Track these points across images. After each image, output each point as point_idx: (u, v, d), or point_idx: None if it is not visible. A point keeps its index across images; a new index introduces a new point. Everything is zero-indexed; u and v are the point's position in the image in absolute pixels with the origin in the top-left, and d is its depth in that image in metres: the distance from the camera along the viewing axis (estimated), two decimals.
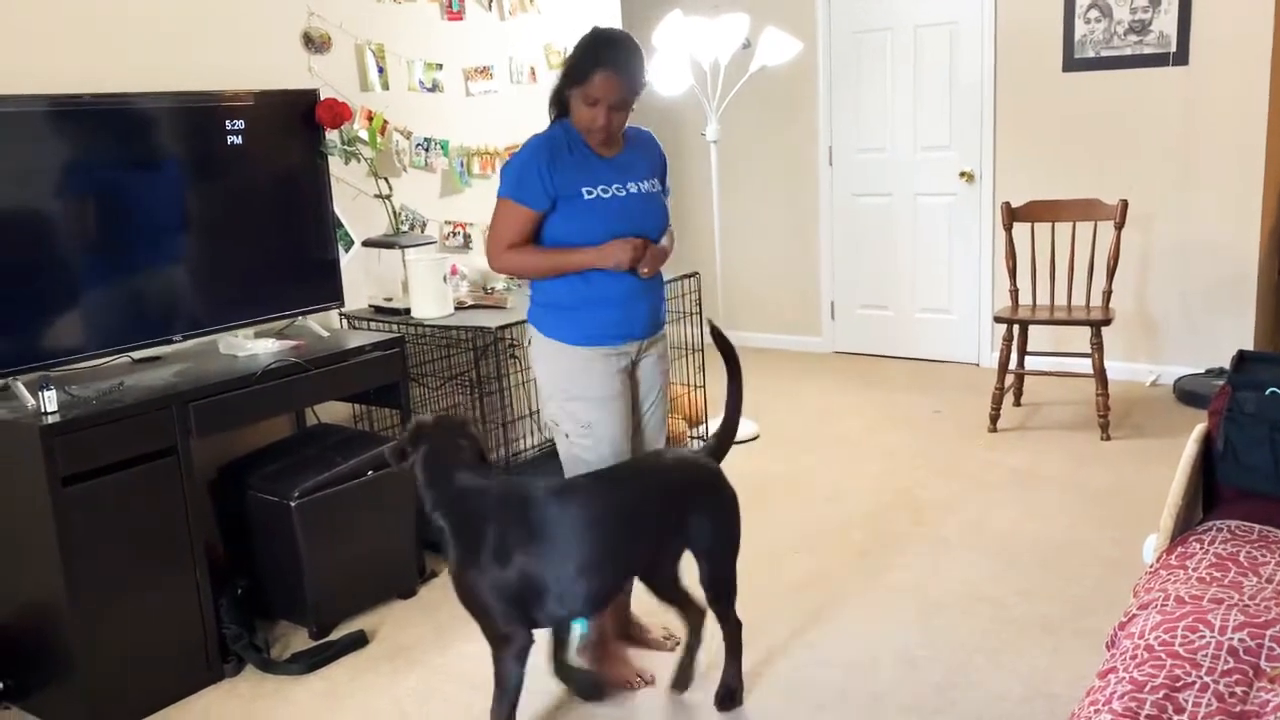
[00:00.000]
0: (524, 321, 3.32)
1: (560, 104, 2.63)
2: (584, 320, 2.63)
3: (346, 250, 3.79)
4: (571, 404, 2.67)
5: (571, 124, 2.60)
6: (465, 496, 2.35)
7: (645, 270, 2.64)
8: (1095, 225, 4.64)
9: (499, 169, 2.68)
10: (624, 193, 2.63)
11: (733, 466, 3.24)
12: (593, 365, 2.64)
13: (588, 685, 2.74)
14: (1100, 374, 4.45)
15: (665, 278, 2.76)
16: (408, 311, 3.69)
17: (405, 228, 4.01)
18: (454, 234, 4.28)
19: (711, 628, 2.69)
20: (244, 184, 3.26)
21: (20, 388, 2.71)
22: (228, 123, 3.20)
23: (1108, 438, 4.47)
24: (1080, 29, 5.12)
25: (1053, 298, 4.80)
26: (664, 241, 2.74)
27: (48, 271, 2.81)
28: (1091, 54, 5.12)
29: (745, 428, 4.78)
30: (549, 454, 4.09)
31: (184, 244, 3.12)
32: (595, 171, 2.61)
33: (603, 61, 2.51)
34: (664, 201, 2.77)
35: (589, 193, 2.58)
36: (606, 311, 2.63)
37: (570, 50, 2.63)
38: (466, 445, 2.40)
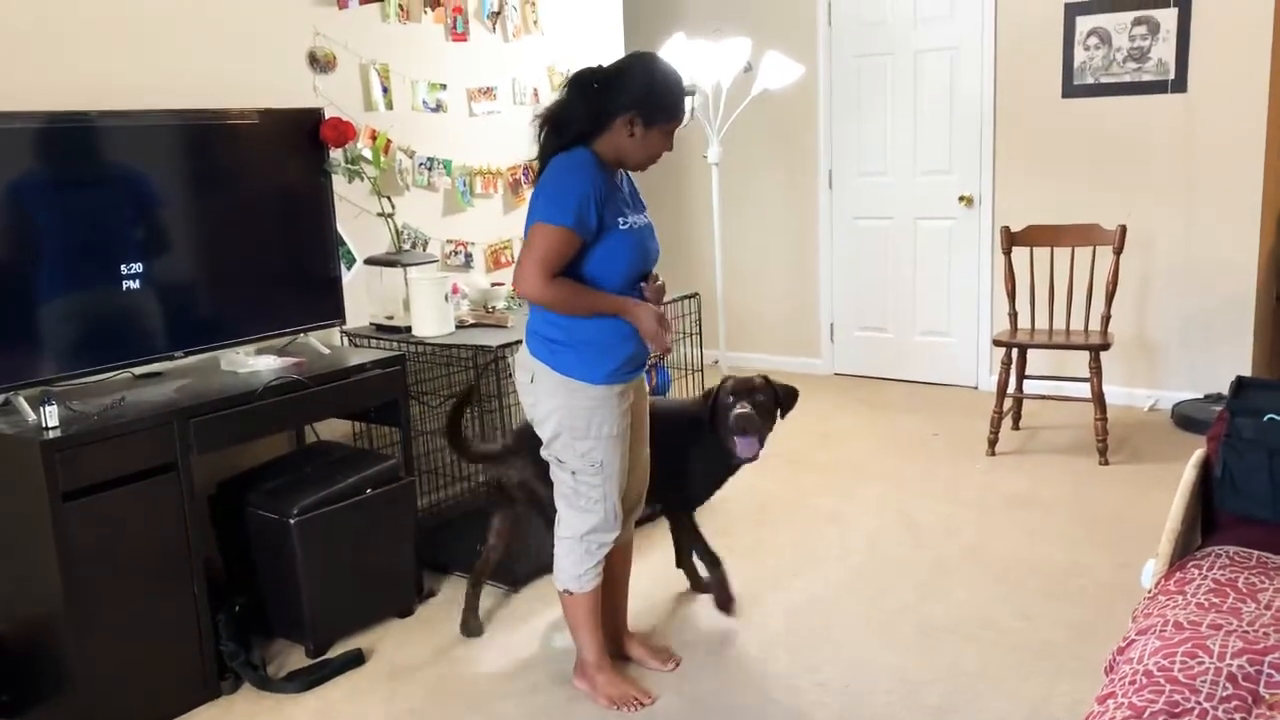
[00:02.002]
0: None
1: (592, 128, 2.51)
2: (610, 357, 2.57)
3: (348, 268, 3.80)
4: (582, 443, 2.60)
5: (596, 151, 2.52)
6: None
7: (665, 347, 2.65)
8: (1094, 250, 4.66)
9: (543, 191, 2.52)
10: (641, 223, 2.60)
11: (732, 487, 3.25)
12: (607, 404, 2.59)
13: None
14: (1099, 398, 4.46)
15: (665, 298, 2.75)
16: (409, 330, 3.70)
17: (407, 246, 4.03)
18: (455, 253, 4.30)
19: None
20: (247, 201, 3.28)
21: (21, 403, 2.71)
22: (232, 140, 3.22)
23: (1106, 462, 4.48)
24: (1080, 55, 5.16)
25: (1051, 322, 4.81)
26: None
27: (51, 287, 2.81)
28: (1090, 80, 5.15)
29: None
30: None
31: (186, 260, 3.13)
32: (622, 201, 2.57)
33: (685, 93, 2.56)
34: None
35: (623, 223, 2.53)
36: (631, 346, 2.59)
37: (633, 83, 2.49)
38: None
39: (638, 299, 2.58)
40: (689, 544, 3.31)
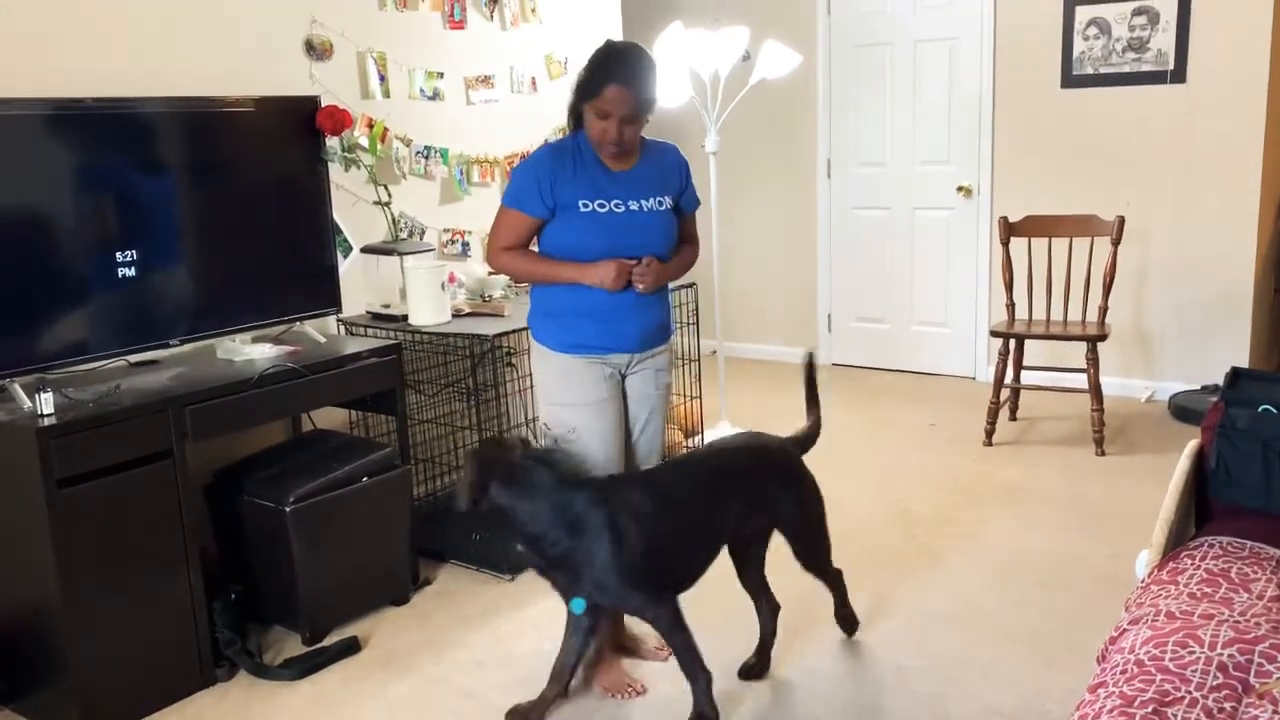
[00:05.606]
0: (521, 330, 3.42)
1: (577, 117, 2.65)
2: (569, 328, 2.68)
3: (345, 256, 3.80)
4: (556, 409, 2.72)
5: (586, 137, 2.63)
6: (573, 504, 2.42)
7: (641, 285, 2.65)
8: (1092, 241, 4.65)
9: (509, 174, 2.71)
10: (622, 209, 2.63)
11: None
12: (576, 371, 2.69)
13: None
14: (1095, 389, 4.46)
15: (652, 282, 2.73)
16: (405, 318, 3.70)
17: (404, 235, 4.02)
18: (452, 242, 4.30)
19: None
20: (244, 189, 3.27)
21: (17, 390, 2.71)
22: (228, 128, 3.21)
23: (1102, 453, 4.48)
24: (1079, 45, 5.15)
25: (1049, 313, 4.81)
26: (673, 261, 2.76)
27: (46, 274, 2.81)
28: (1090, 70, 5.14)
29: None
30: None
31: (183, 248, 3.13)
32: (599, 185, 2.62)
33: (614, 75, 2.53)
34: (672, 219, 2.75)
35: (585, 206, 2.60)
36: (588, 323, 2.66)
37: (584, 64, 2.64)
38: (532, 460, 2.46)
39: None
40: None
